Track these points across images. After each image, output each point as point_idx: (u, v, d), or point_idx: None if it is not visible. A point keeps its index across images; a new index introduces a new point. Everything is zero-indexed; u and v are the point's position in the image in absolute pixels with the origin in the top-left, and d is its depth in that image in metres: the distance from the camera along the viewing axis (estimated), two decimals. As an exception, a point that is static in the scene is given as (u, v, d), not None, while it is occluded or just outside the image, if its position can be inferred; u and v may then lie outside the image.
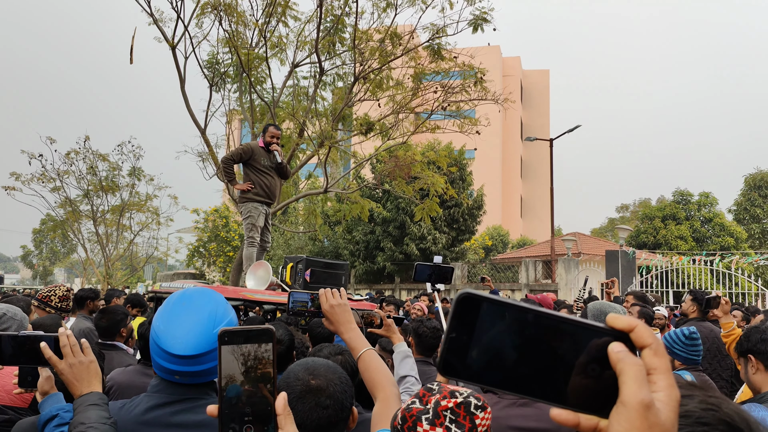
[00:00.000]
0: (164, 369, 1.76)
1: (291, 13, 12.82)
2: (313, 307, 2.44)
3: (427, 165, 14.58)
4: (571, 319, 0.62)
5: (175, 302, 1.84)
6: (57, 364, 1.74)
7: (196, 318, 1.77)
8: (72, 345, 1.76)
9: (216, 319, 1.79)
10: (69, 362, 1.74)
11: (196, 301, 1.83)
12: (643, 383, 0.57)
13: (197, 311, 1.79)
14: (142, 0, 11.36)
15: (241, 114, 13.90)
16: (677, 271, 18.00)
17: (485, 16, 11.56)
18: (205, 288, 1.95)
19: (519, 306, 0.62)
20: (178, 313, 1.80)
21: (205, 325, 1.76)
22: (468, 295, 0.63)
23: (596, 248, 25.37)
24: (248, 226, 7.10)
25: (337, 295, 2.12)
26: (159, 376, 1.81)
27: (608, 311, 3.46)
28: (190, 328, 1.75)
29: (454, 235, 25.33)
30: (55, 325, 3.59)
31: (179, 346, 1.71)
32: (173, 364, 1.73)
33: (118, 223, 25.92)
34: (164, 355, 1.74)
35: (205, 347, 1.73)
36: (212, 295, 1.88)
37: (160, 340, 1.75)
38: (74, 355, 1.76)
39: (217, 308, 1.82)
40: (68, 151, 23.21)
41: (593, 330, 0.61)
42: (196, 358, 1.72)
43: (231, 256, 29.86)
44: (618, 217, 53.10)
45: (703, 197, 31.54)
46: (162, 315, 1.81)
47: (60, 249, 46.00)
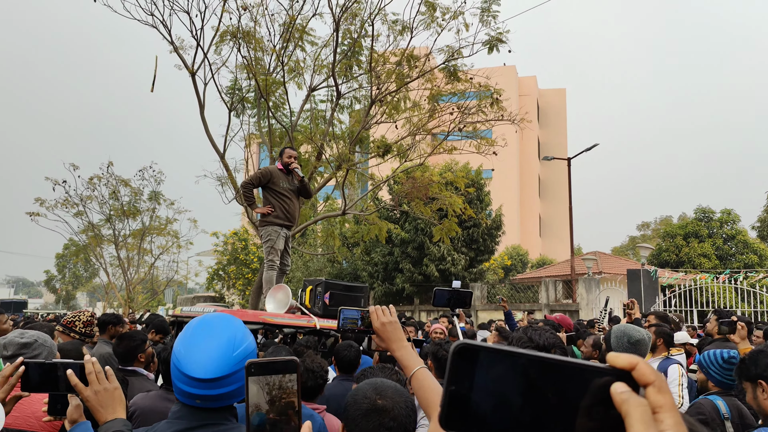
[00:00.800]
0: (185, 393, 1.78)
1: (308, 38, 13.01)
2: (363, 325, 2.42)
3: (445, 186, 14.60)
4: (571, 361, 0.61)
5: (195, 327, 1.87)
6: (83, 391, 1.77)
7: (216, 342, 1.80)
8: (97, 372, 1.79)
9: (235, 343, 1.82)
10: (94, 389, 1.77)
11: (216, 326, 1.86)
12: (649, 423, 0.56)
13: (217, 336, 1.82)
14: (163, 29, 11.62)
15: (260, 138, 14.05)
16: (701, 290, 17.71)
17: (500, 37, 11.64)
18: (223, 314, 1.98)
19: (516, 352, 0.61)
20: (198, 337, 1.83)
21: (225, 349, 1.79)
22: (464, 346, 0.62)
23: (617, 267, 25.08)
24: (268, 249, 7.13)
25: (387, 313, 2.11)
26: (180, 401, 1.84)
27: (632, 334, 3.42)
28: (210, 353, 1.77)
29: (473, 256, 25.21)
30: (75, 350, 3.63)
31: (200, 369, 1.74)
32: (194, 388, 1.75)
33: (139, 247, 26.24)
34: (185, 379, 1.76)
35: (225, 371, 1.76)
36: (231, 321, 1.92)
37: (180, 364, 1.78)
38: (99, 382, 1.78)
39: (236, 333, 1.86)
40: (91, 177, 23.62)
41: (594, 371, 0.60)
42: (216, 382, 1.75)
43: (250, 279, 29.98)
44: (639, 236, 52.55)
45: (725, 214, 31.12)
46: (182, 340, 1.84)
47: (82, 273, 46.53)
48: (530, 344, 2.32)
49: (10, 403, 1.88)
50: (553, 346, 2.33)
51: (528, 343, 2.32)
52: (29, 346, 2.72)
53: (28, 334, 2.81)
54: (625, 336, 3.43)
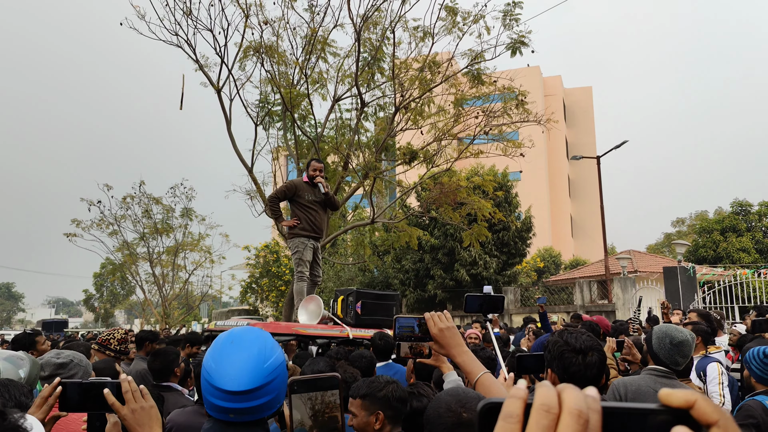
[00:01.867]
0: (217, 408, 1.79)
1: (330, 49, 13.09)
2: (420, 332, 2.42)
3: (473, 190, 14.51)
4: (617, 406, 0.54)
5: (224, 341, 1.88)
6: (120, 410, 1.78)
7: (246, 355, 1.81)
8: (134, 391, 1.81)
9: (265, 355, 1.82)
10: (131, 408, 1.79)
11: (245, 339, 1.87)
12: None
13: (246, 348, 1.83)
14: (187, 48, 11.81)
15: (287, 151, 14.17)
16: (742, 285, 17.26)
17: (523, 39, 11.55)
18: (251, 326, 1.99)
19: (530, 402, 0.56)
20: (227, 351, 1.84)
21: (256, 361, 1.79)
22: (490, 405, 0.57)
23: (653, 265, 24.61)
24: (297, 261, 7.18)
25: (444, 319, 2.09)
26: (212, 417, 1.84)
27: (674, 335, 3.33)
28: (240, 365, 1.78)
29: (505, 259, 25.01)
30: (109, 368, 3.67)
31: (232, 382, 1.74)
32: (227, 402, 1.75)
33: (173, 263, 26.62)
34: (217, 393, 1.77)
35: (256, 382, 1.76)
36: (259, 333, 1.93)
37: (212, 378, 1.78)
38: (136, 400, 1.80)
39: (266, 345, 1.86)
40: (124, 196, 24.08)
41: (646, 413, 0.54)
42: (248, 394, 1.74)
43: (283, 291, 30.19)
44: (674, 232, 51.52)
45: (763, 206, 30.34)
46: (212, 354, 1.86)
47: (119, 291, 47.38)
48: (566, 347, 2.27)
49: (49, 423, 1.90)
50: (590, 349, 2.27)
51: (564, 346, 2.27)
52: (65, 366, 2.77)
53: (64, 354, 2.86)
54: (667, 337, 3.33)
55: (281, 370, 1.86)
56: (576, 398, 0.53)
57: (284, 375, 1.89)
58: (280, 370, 1.85)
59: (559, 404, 0.53)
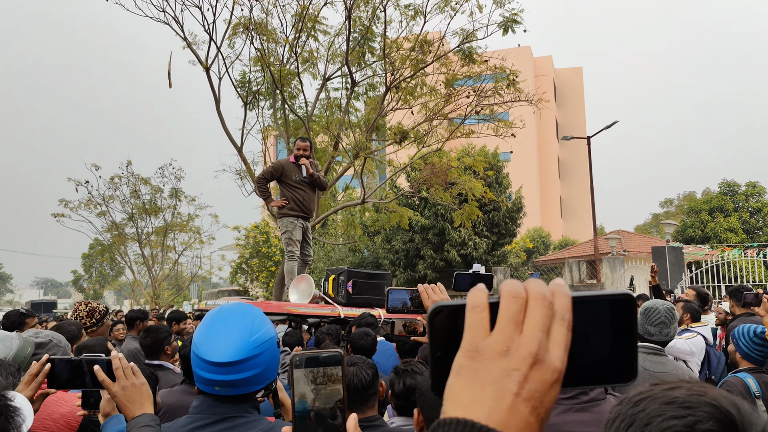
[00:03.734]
0: (204, 380, 1.78)
1: (320, 27, 12.95)
2: (412, 306, 2.39)
3: (464, 170, 14.49)
4: (580, 294, 0.60)
5: (213, 316, 1.89)
6: (110, 387, 1.77)
7: (234, 328, 1.81)
8: (124, 368, 1.79)
9: (253, 328, 1.83)
10: (122, 384, 1.78)
11: (234, 314, 1.88)
12: None
13: (235, 322, 1.84)
14: (175, 25, 11.63)
15: (276, 130, 14.06)
16: (729, 265, 17.42)
17: (515, 17, 11.47)
18: (242, 303, 1.98)
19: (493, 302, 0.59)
20: (216, 325, 1.84)
21: (243, 334, 1.80)
22: (441, 308, 0.60)
23: (642, 245, 24.79)
24: (286, 241, 7.16)
25: (437, 291, 2.06)
26: (200, 392, 1.84)
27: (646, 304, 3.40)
28: (228, 337, 1.79)
29: (495, 240, 25.09)
30: (99, 345, 3.65)
31: (218, 353, 1.75)
32: (213, 374, 1.75)
33: (162, 244, 26.48)
34: (204, 365, 1.77)
35: (242, 354, 1.76)
36: (249, 308, 1.93)
37: (199, 350, 1.78)
38: (126, 377, 1.79)
39: (254, 320, 1.87)
40: (112, 177, 23.85)
41: (604, 297, 0.60)
42: (235, 365, 1.75)
43: (273, 272, 30.17)
44: (662, 213, 51.89)
45: (750, 187, 30.58)
46: (201, 328, 1.86)
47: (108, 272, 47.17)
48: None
49: (37, 400, 1.88)
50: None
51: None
52: (44, 346, 2.74)
53: (42, 334, 2.84)
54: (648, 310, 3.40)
55: (270, 345, 1.84)
56: (539, 285, 0.57)
57: (273, 350, 1.87)
58: (268, 344, 1.84)
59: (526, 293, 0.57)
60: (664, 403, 0.78)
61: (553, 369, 0.55)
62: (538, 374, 0.54)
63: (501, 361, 0.54)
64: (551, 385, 0.55)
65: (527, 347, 0.54)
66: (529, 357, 0.54)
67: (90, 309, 5.21)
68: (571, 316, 0.57)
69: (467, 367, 0.55)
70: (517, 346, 0.55)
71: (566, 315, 0.57)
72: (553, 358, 0.55)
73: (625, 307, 0.60)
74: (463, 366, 0.55)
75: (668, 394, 0.79)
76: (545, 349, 0.55)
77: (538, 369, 0.54)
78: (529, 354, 0.54)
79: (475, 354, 0.55)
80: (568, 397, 2.23)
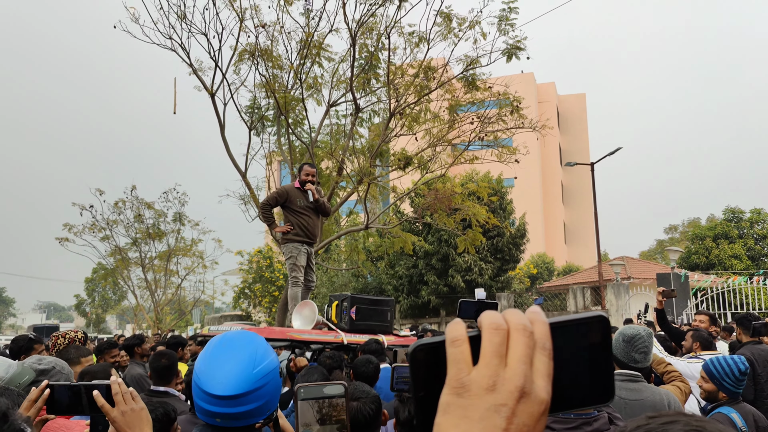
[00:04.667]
0: (205, 411, 1.76)
1: (325, 54, 13.07)
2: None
3: (467, 196, 14.51)
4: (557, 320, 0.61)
5: (216, 345, 1.86)
6: (109, 413, 1.75)
7: (237, 359, 1.78)
8: (123, 393, 1.77)
9: (256, 359, 1.79)
10: (121, 410, 1.75)
11: (236, 343, 1.84)
12: None
13: (237, 353, 1.80)
14: (181, 52, 11.77)
15: (281, 156, 14.13)
16: (734, 292, 17.31)
17: (519, 45, 11.58)
18: (245, 331, 1.95)
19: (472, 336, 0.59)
20: (218, 355, 1.81)
21: (246, 366, 1.76)
22: (421, 347, 0.59)
23: (646, 272, 24.65)
24: (291, 266, 7.14)
25: None
26: (201, 422, 1.81)
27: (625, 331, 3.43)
28: (230, 369, 1.75)
29: (499, 265, 25.00)
30: (103, 371, 3.62)
31: (220, 386, 1.72)
32: (214, 406, 1.73)
33: (165, 268, 26.49)
34: (205, 397, 1.74)
35: (245, 387, 1.73)
36: (252, 337, 1.90)
37: (201, 381, 1.75)
38: (126, 402, 1.76)
39: (257, 350, 1.83)
40: (116, 201, 23.96)
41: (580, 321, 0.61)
42: (236, 399, 1.72)
43: (276, 296, 30.06)
44: (667, 239, 51.74)
45: (755, 213, 30.49)
46: (203, 358, 1.83)
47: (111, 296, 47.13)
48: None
49: (37, 426, 1.87)
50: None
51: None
52: (47, 373, 2.72)
53: (46, 361, 2.82)
54: (619, 336, 3.39)
55: (273, 376, 1.81)
56: (519, 316, 0.58)
57: (276, 381, 1.85)
58: (271, 376, 1.81)
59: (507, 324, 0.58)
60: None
61: (540, 401, 0.55)
62: (525, 408, 0.54)
63: (488, 397, 0.54)
64: (539, 418, 0.55)
65: (513, 381, 0.54)
66: (516, 391, 0.54)
67: (69, 339, 5.16)
68: (551, 343, 0.57)
69: (455, 405, 0.55)
70: (503, 380, 0.54)
71: (546, 343, 0.57)
72: (539, 389, 0.55)
73: (599, 329, 0.60)
74: (451, 404, 0.55)
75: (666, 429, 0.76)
76: (531, 381, 0.55)
77: (525, 402, 0.54)
78: (515, 388, 0.54)
79: (462, 390, 0.55)
80: (571, 428, 2.20)
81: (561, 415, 2.21)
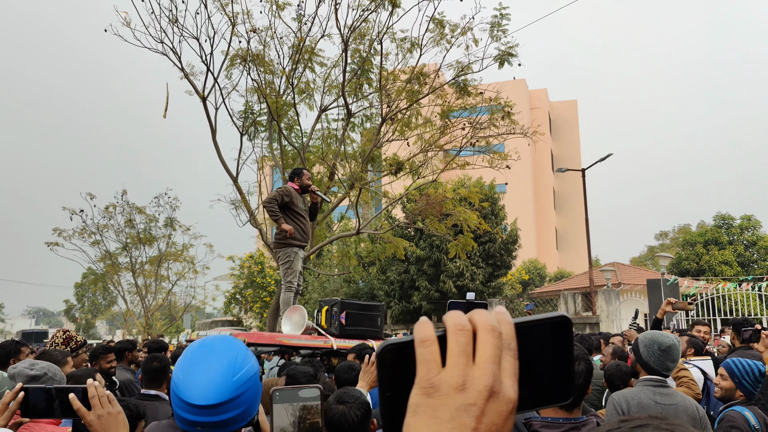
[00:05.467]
0: (185, 421, 1.72)
1: (317, 59, 13.07)
2: None
3: (459, 201, 14.52)
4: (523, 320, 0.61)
5: (194, 351, 1.81)
6: (85, 416, 1.72)
7: (216, 366, 1.74)
8: (100, 396, 1.74)
9: (236, 367, 1.75)
10: (97, 413, 1.73)
11: (216, 349, 1.79)
12: None
13: (217, 359, 1.76)
14: (173, 56, 11.73)
15: (272, 160, 14.09)
16: (724, 298, 17.39)
17: (511, 51, 11.62)
18: (224, 335, 1.92)
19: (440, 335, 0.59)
20: (197, 362, 1.77)
21: (225, 373, 1.72)
22: (389, 347, 0.59)
23: (637, 278, 24.75)
24: (286, 270, 7.10)
25: None
26: (181, 430, 1.78)
27: (662, 341, 3.37)
28: (209, 377, 1.71)
29: (491, 271, 25.04)
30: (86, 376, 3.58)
31: (199, 395, 1.68)
32: (194, 415, 1.69)
33: (156, 273, 26.33)
34: (185, 406, 1.70)
35: (225, 396, 1.69)
36: (232, 343, 1.85)
37: (179, 390, 1.72)
38: (102, 406, 1.73)
39: (237, 356, 1.79)
40: (107, 206, 23.81)
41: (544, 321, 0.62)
42: (217, 408, 1.68)
43: (267, 302, 29.96)
44: (657, 245, 51.97)
45: (745, 220, 30.71)
46: (182, 365, 1.78)
47: (101, 302, 46.82)
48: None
49: (12, 429, 1.83)
50: (577, 358, 2.25)
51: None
52: (39, 379, 2.68)
53: (38, 366, 2.77)
54: (654, 344, 3.37)
55: (253, 382, 1.77)
56: (486, 316, 0.58)
57: (256, 387, 1.80)
58: (251, 382, 1.77)
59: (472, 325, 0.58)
60: None
61: (508, 400, 0.55)
62: (494, 407, 0.54)
63: (458, 397, 0.54)
64: (507, 417, 0.55)
65: (483, 381, 0.54)
66: (485, 390, 0.54)
67: (67, 337, 5.18)
68: (516, 344, 0.58)
69: (424, 405, 0.55)
70: (472, 380, 0.55)
71: (512, 343, 0.57)
72: (507, 389, 0.55)
73: (562, 330, 0.61)
74: (420, 404, 0.55)
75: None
76: (499, 380, 0.55)
77: (495, 402, 0.54)
78: (485, 388, 0.54)
79: (432, 390, 0.55)
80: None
81: (550, 420, 2.20)
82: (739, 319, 5.99)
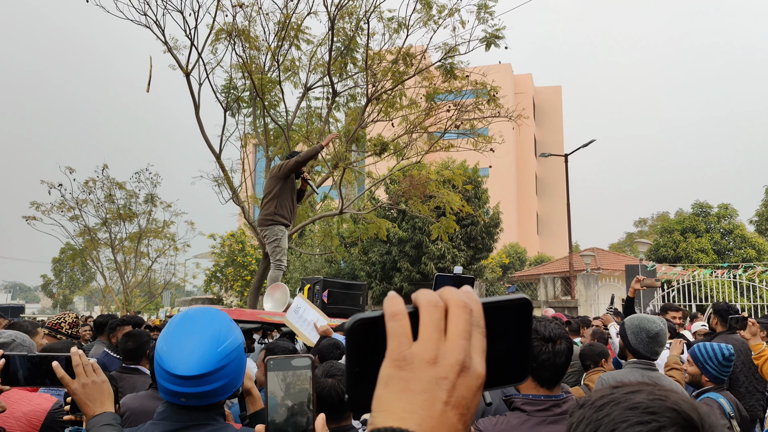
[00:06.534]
0: (169, 392, 1.72)
1: (303, 36, 12.94)
2: None
3: (442, 183, 14.55)
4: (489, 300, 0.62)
5: (178, 323, 1.80)
6: (69, 384, 1.71)
7: (200, 337, 1.73)
8: (84, 365, 1.73)
9: (220, 338, 1.75)
10: (81, 382, 1.71)
11: (199, 321, 1.79)
12: None
13: (201, 331, 1.75)
14: (156, 29, 11.53)
15: (256, 138, 13.98)
16: (699, 285, 17.69)
17: (497, 34, 11.59)
18: (208, 307, 1.90)
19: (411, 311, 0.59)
20: (180, 333, 1.76)
21: (209, 345, 1.72)
22: (359, 322, 0.59)
23: (615, 263, 25.07)
24: (276, 249, 7.09)
25: None
26: (165, 400, 1.78)
27: (649, 327, 3.43)
28: (193, 348, 1.70)
29: (472, 254, 25.20)
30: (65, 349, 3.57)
31: (183, 366, 1.67)
32: (178, 386, 1.69)
33: (136, 250, 26.14)
34: (168, 377, 1.69)
35: (209, 367, 1.69)
36: (216, 314, 1.84)
37: (163, 361, 1.71)
38: (87, 374, 1.72)
39: (221, 327, 1.78)
40: (86, 180, 23.50)
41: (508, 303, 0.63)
42: (201, 378, 1.68)
43: (248, 281, 29.89)
44: (636, 232, 52.64)
45: (722, 209, 31.12)
46: (165, 336, 1.77)
47: (79, 277, 46.38)
48: (536, 336, 2.27)
49: None
50: (558, 337, 2.28)
51: (534, 334, 2.26)
52: (7, 346, 2.66)
53: (6, 334, 2.76)
54: (642, 331, 3.44)
55: (237, 353, 1.78)
56: (457, 293, 0.59)
57: (241, 358, 1.80)
58: (236, 354, 1.77)
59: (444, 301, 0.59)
60: (628, 408, 0.79)
61: (478, 375, 0.56)
62: (465, 381, 0.55)
63: (430, 370, 0.55)
64: (476, 392, 0.56)
65: (454, 355, 0.56)
66: (456, 365, 0.55)
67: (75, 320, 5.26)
68: (484, 322, 0.59)
69: (396, 377, 0.55)
70: (444, 354, 0.56)
71: (481, 321, 0.59)
72: (476, 364, 0.57)
73: (523, 311, 0.62)
74: (392, 376, 0.55)
75: (630, 399, 0.80)
76: (470, 356, 0.56)
77: (465, 376, 0.56)
78: (456, 362, 0.55)
79: (404, 363, 0.56)
80: (541, 409, 2.22)
81: (531, 397, 2.23)
82: (722, 305, 6.07)
